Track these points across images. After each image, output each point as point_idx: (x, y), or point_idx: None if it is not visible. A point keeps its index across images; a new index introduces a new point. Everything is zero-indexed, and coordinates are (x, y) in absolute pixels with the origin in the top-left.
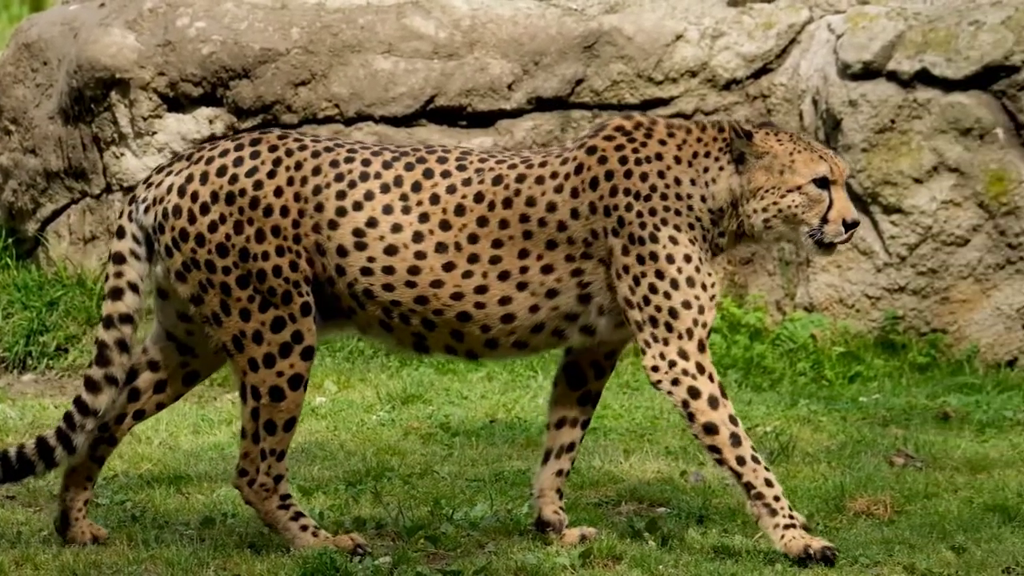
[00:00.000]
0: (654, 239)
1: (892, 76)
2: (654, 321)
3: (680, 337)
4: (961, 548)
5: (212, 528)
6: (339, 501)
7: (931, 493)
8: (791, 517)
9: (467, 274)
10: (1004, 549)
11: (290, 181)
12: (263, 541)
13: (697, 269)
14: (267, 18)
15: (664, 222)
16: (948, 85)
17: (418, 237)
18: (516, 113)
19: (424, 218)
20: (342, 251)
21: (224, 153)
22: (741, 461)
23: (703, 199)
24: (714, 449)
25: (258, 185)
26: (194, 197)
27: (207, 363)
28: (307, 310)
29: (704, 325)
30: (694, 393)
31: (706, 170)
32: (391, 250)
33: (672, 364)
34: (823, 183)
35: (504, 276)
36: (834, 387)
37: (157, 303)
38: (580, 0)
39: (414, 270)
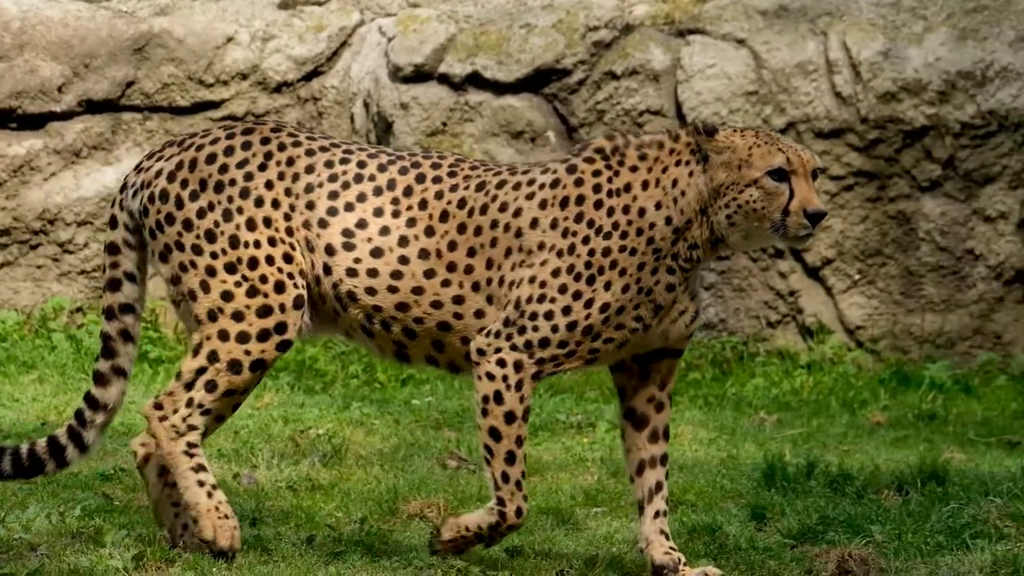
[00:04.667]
0: (591, 281)
1: (444, 79)
2: (522, 330)
3: (531, 357)
4: (515, 551)
5: None
6: None
7: (484, 496)
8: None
9: (446, 283)
10: (558, 552)
11: (281, 176)
12: None
13: (605, 320)
14: None
15: (613, 265)
16: (499, 88)
17: (403, 241)
18: (67, 115)
19: (411, 223)
20: (330, 250)
21: (215, 141)
22: (505, 478)
23: (668, 220)
24: (488, 450)
25: (249, 176)
26: (184, 183)
27: None
28: (299, 304)
29: (558, 365)
30: (498, 398)
31: (675, 183)
32: (377, 252)
33: (500, 363)
34: (780, 175)
35: (476, 287)
36: (387, 390)
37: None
38: (131, 2)
39: (397, 275)
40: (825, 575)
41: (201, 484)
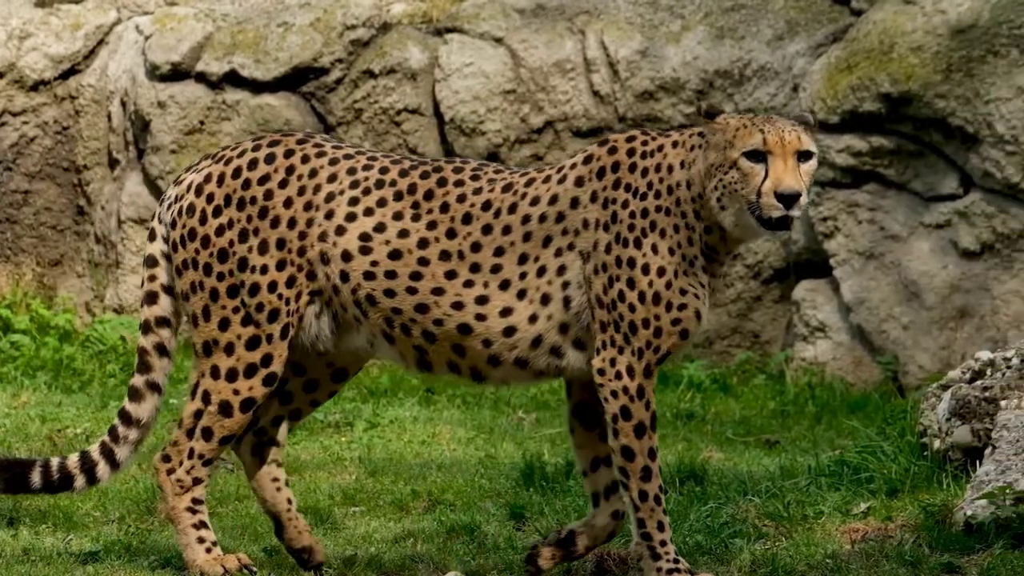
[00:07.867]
0: (637, 244)
1: (201, 77)
2: (616, 326)
3: (633, 354)
4: (274, 550)
5: None
6: None
7: (243, 495)
8: (676, 562)
9: (468, 283)
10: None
11: (301, 191)
12: None
13: (668, 285)
14: None
15: (652, 226)
16: (257, 87)
17: (423, 243)
18: None
19: (432, 226)
20: (347, 256)
21: (242, 154)
22: (643, 496)
23: (688, 185)
24: (623, 473)
25: (268, 195)
26: (209, 198)
27: (350, 360)
28: (286, 333)
29: (656, 349)
30: (625, 414)
31: (692, 149)
32: (395, 255)
33: (617, 375)
34: (755, 155)
35: (505, 285)
36: None
37: None
38: None
39: (416, 276)
40: (584, 575)
41: (201, 541)
